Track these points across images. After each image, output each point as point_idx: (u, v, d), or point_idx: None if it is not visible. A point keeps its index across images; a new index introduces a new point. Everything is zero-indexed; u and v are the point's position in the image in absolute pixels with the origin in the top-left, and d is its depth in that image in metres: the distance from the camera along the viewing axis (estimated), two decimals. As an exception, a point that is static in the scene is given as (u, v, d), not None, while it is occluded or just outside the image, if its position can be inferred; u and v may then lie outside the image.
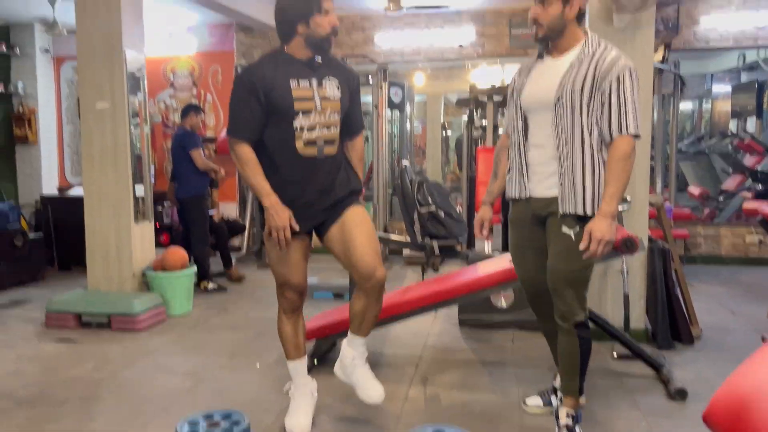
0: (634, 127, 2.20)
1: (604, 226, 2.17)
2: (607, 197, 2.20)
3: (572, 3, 2.25)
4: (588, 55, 2.26)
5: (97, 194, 4.44)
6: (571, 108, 2.24)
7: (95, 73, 4.37)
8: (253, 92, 2.29)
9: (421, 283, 3.73)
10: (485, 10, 6.67)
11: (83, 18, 4.36)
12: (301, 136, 2.34)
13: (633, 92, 2.20)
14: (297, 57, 2.36)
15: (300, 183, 2.37)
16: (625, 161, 2.19)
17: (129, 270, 4.44)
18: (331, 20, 2.32)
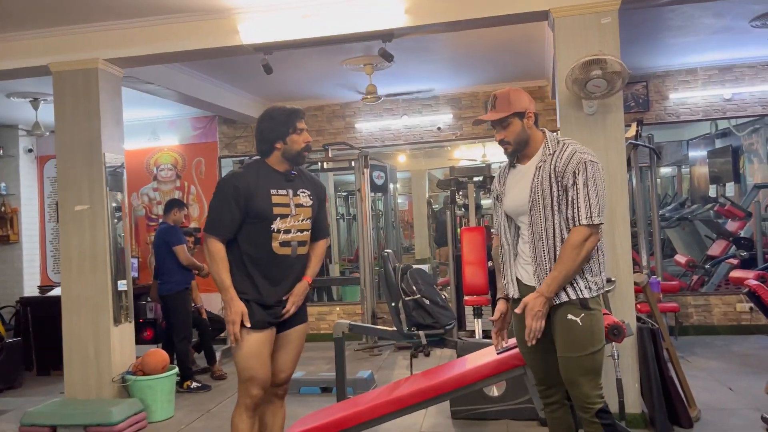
0: (586, 217, 2.28)
1: (537, 302, 2.30)
2: (548, 278, 2.30)
3: (527, 114, 2.41)
4: (548, 155, 2.40)
5: (75, 297, 4.36)
6: (544, 207, 2.36)
7: (75, 176, 4.38)
8: (234, 197, 2.59)
9: (410, 378, 3.61)
10: (461, 94, 6.86)
11: (62, 122, 4.41)
12: (278, 237, 2.64)
13: (587, 183, 2.29)
14: (276, 168, 2.70)
15: (275, 279, 2.66)
16: (573, 249, 2.27)
17: (108, 375, 4.29)
18: (305, 138, 2.69)
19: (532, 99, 2.48)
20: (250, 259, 2.64)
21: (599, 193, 2.31)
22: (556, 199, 2.34)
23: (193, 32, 4.22)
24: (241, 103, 6.74)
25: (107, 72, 4.43)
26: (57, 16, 4.13)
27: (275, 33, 4.15)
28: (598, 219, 2.29)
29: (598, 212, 2.29)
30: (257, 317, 2.61)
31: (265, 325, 2.64)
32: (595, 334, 2.33)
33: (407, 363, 5.58)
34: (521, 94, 2.45)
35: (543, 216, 2.37)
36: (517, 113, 2.40)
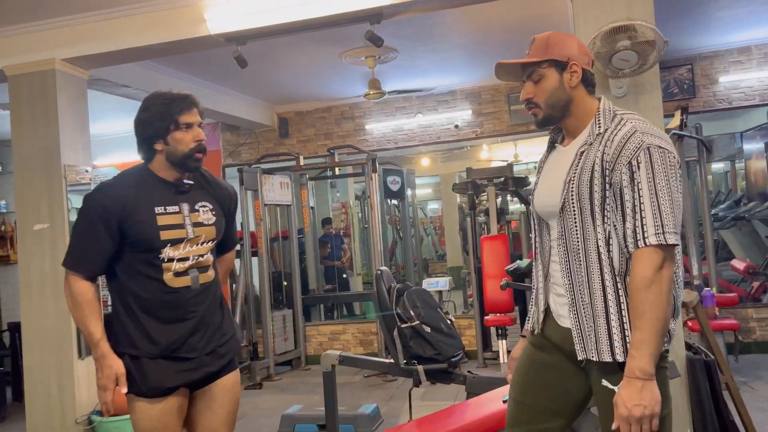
0: (656, 234, 1.48)
1: (633, 393, 1.46)
2: (633, 348, 1.50)
3: (571, 66, 1.65)
4: (597, 136, 1.62)
5: (36, 327, 3.90)
6: (581, 213, 1.60)
7: (33, 191, 3.93)
8: (103, 219, 1.94)
9: (410, 426, 2.97)
10: (480, 87, 6.20)
11: (19, 131, 3.97)
12: (170, 267, 1.98)
13: (656, 181, 1.50)
14: (162, 177, 2.03)
15: (174, 318, 1.98)
16: (648, 289, 1.47)
17: (71, 416, 3.80)
18: (195, 135, 1.99)
19: (586, 51, 1.70)
20: (136, 299, 1.97)
21: (674, 197, 1.51)
22: (599, 204, 1.57)
23: (156, 24, 3.71)
24: (244, 108, 6.26)
25: (67, 74, 3.97)
26: (9, 13, 3.69)
27: (245, 20, 3.61)
28: (674, 238, 1.49)
29: (674, 227, 1.50)
30: (152, 381, 1.94)
31: (163, 392, 1.95)
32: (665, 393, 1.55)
33: (423, 392, 4.94)
34: (569, 39, 1.70)
35: (580, 226, 1.61)
36: (555, 61, 1.65)
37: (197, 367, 2.00)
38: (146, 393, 1.96)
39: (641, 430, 1.45)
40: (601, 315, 1.57)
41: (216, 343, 2.06)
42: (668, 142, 1.55)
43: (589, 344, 1.58)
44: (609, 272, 1.57)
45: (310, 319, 6.84)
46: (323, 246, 7.51)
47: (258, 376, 5.69)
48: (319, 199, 7.99)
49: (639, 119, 1.60)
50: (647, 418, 1.45)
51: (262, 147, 6.76)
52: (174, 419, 1.99)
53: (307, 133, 6.66)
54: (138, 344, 1.96)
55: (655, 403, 1.46)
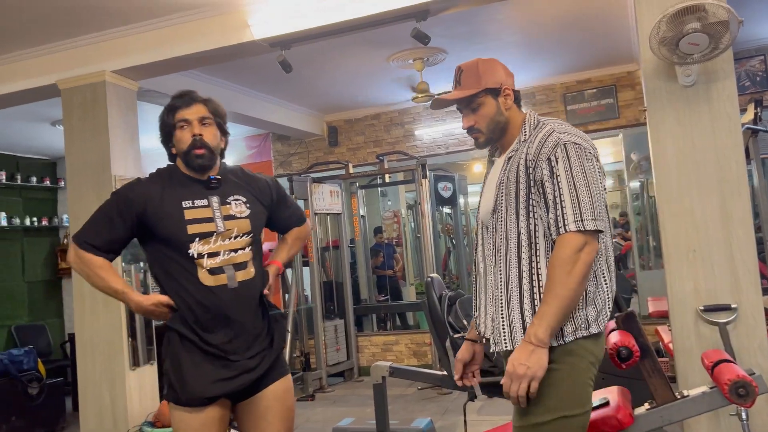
0: (575, 220, 1.58)
1: (522, 354, 1.56)
2: (535, 317, 1.59)
3: (504, 91, 1.78)
4: (523, 142, 1.73)
5: (89, 338, 3.91)
6: (506, 211, 1.70)
7: (84, 203, 3.95)
8: (120, 212, 1.96)
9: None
10: (534, 87, 5.96)
11: (71, 144, 4.03)
12: (203, 263, 1.92)
13: (573, 173, 1.61)
14: (190, 176, 2.01)
15: (211, 325, 1.92)
16: (562, 266, 1.56)
17: (123, 426, 3.79)
18: (192, 130, 1.95)
19: (510, 72, 1.83)
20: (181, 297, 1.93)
21: (592, 187, 1.61)
22: (524, 200, 1.67)
23: (201, 32, 3.69)
24: (294, 118, 6.24)
25: (117, 85, 4.00)
26: (61, 28, 3.76)
27: (289, 23, 3.54)
28: (593, 223, 1.59)
29: (591, 213, 1.59)
30: (192, 390, 1.88)
31: (203, 402, 1.87)
32: (573, 391, 1.61)
33: (480, 405, 4.73)
34: (495, 64, 1.81)
35: (504, 223, 1.70)
36: (490, 90, 1.76)
37: (239, 374, 1.92)
38: (186, 402, 1.89)
39: (519, 388, 1.55)
40: (516, 308, 1.64)
41: (260, 346, 1.97)
42: (584, 140, 1.66)
43: (501, 336, 1.66)
44: (527, 267, 1.65)
45: (362, 329, 6.71)
46: (375, 255, 7.39)
47: (310, 388, 5.60)
48: (370, 209, 7.88)
49: (558, 122, 1.72)
50: (527, 378, 1.54)
51: (312, 156, 6.72)
52: (214, 429, 1.91)
53: (357, 140, 6.57)
54: (183, 346, 1.92)
55: (538, 368, 1.54)
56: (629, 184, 6.38)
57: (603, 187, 1.66)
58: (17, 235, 6.69)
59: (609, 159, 6.84)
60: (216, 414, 1.91)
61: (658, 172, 2.90)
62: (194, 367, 1.90)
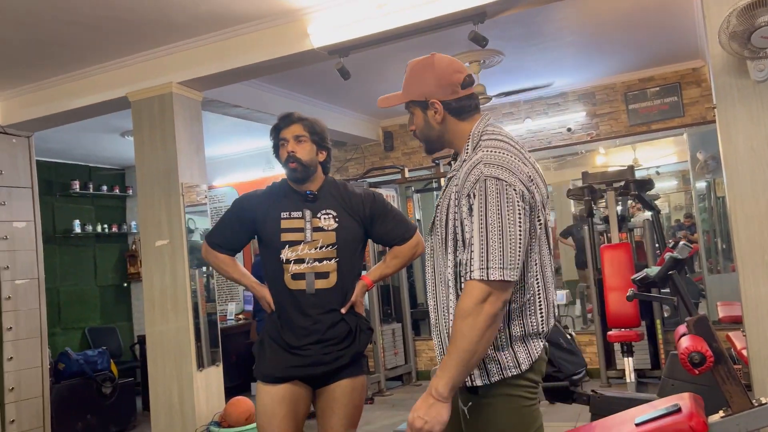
0: (480, 268, 1.45)
1: (422, 406, 1.49)
2: (439, 369, 1.50)
3: (432, 104, 1.64)
4: (463, 162, 1.60)
5: (158, 340, 4.06)
6: (443, 241, 1.61)
7: (154, 210, 4.13)
8: (239, 217, 2.38)
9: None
10: (594, 87, 5.84)
11: (141, 154, 4.20)
12: (288, 268, 2.25)
13: (486, 215, 1.46)
14: (294, 188, 2.34)
15: (292, 322, 2.25)
16: (464, 320, 1.45)
17: (192, 426, 3.91)
18: (288, 148, 2.27)
19: (449, 76, 1.62)
20: (273, 295, 2.32)
21: (506, 232, 1.46)
22: (452, 232, 1.57)
23: (262, 42, 3.79)
24: (349, 124, 6.32)
25: (183, 96, 4.15)
26: (130, 43, 3.93)
27: (347, 31, 3.59)
28: (499, 273, 1.44)
29: (500, 262, 1.45)
30: (267, 367, 2.26)
31: (274, 379, 2.23)
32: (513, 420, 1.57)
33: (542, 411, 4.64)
34: (426, 71, 1.65)
35: (442, 253, 1.62)
36: (415, 101, 1.67)
37: (310, 365, 2.22)
38: (261, 377, 2.26)
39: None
40: None
41: (336, 349, 2.23)
42: (511, 173, 1.49)
43: None
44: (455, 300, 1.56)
45: (419, 333, 6.71)
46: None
47: (369, 391, 5.63)
48: (425, 213, 7.88)
49: (492, 148, 1.55)
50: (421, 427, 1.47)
51: (367, 161, 6.78)
52: (282, 408, 2.21)
53: (412, 145, 6.59)
54: (271, 334, 2.29)
55: (435, 423, 1.47)
56: (695, 184, 6.15)
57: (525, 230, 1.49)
58: (90, 241, 7.03)
59: (673, 159, 6.62)
60: (287, 392, 2.22)
61: (729, 172, 2.79)
62: (273, 352, 2.26)
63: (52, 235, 6.47)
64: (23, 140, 4.81)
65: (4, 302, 4.52)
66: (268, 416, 2.22)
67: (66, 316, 6.66)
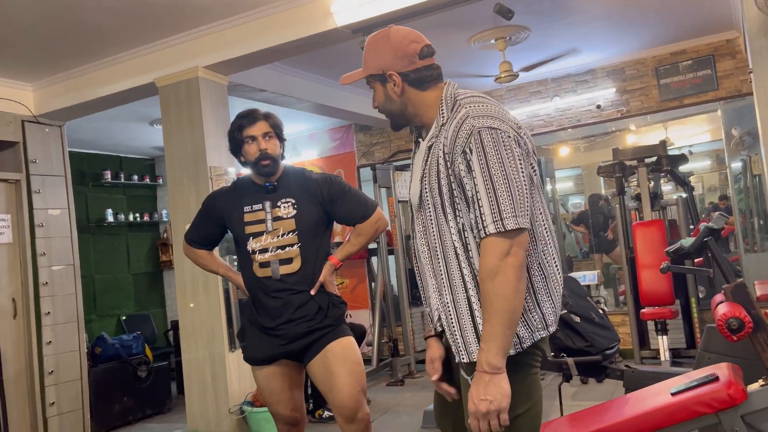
0: (494, 221, 1.40)
1: (480, 388, 1.40)
2: (482, 341, 1.42)
3: (390, 77, 1.60)
4: (442, 127, 1.55)
5: (190, 322, 4.12)
6: (434, 209, 1.55)
7: (183, 194, 4.17)
8: (208, 212, 2.57)
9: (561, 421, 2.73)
10: (624, 63, 5.71)
11: (169, 139, 4.25)
12: (255, 258, 2.40)
13: (489, 165, 1.42)
14: (256, 182, 2.46)
15: (264, 306, 2.40)
16: (493, 280, 1.40)
17: (225, 406, 3.97)
18: (259, 145, 2.37)
19: (405, 48, 1.58)
20: (246, 282, 2.50)
21: (511, 179, 1.41)
22: (448, 197, 1.51)
23: (286, 23, 3.79)
24: (373, 107, 6.28)
25: (209, 80, 4.18)
26: (156, 29, 3.97)
27: (370, 8, 3.56)
28: (513, 221, 1.40)
29: (512, 210, 1.40)
30: (251, 351, 2.45)
31: (260, 362, 2.42)
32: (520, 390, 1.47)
33: (575, 391, 4.61)
34: (381, 44, 1.62)
35: (435, 223, 1.55)
36: (373, 75, 1.63)
37: (287, 342, 2.36)
38: (249, 361, 2.46)
39: (490, 426, 1.40)
40: (466, 314, 1.51)
41: (307, 324, 2.36)
42: (501, 121, 1.46)
43: (458, 345, 1.52)
44: (467, 268, 1.50)
45: (449, 317, 6.69)
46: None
47: (399, 373, 5.65)
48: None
49: (475, 102, 1.52)
50: (493, 413, 1.39)
51: (393, 145, 6.76)
52: (277, 383, 2.42)
53: (439, 127, 6.54)
54: (249, 318, 2.47)
55: (501, 398, 1.39)
56: (730, 164, 5.99)
57: (527, 175, 1.45)
58: (122, 230, 7.16)
59: (706, 137, 6.44)
60: (276, 370, 2.41)
61: (766, 139, 2.71)
62: (253, 336, 2.44)
63: (86, 225, 6.60)
64: (55, 129, 4.91)
65: (41, 288, 4.64)
66: (267, 393, 2.45)
67: (101, 303, 6.80)
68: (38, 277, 4.63)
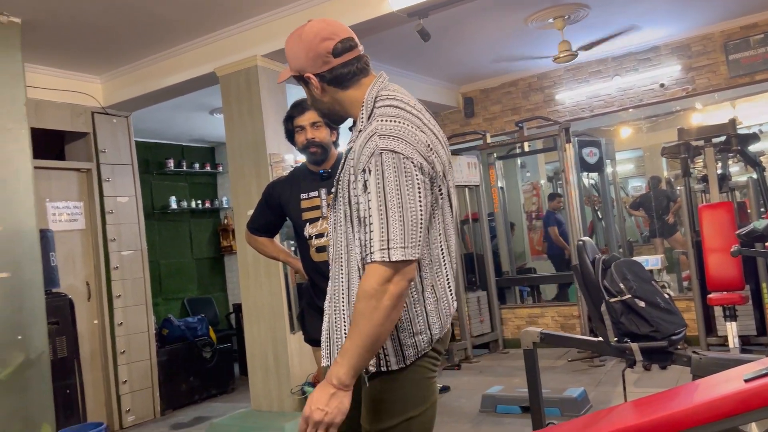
0: (381, 249, 1.35)
1: (322, 397, 1.38)
2: (339, 354, 1.40)
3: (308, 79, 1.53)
4: (359, 132, 1.50)
5: (254, 305, 4.24)
6: (344, 216, 1.51)
7: (244, 181, 4.28)
8: (267, 201, 2.68)
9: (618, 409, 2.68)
10: (689, 39, 5.48)
11: (231, 128, 4.36)
12: (312, 244, 2.48)
13: (384, 191, 1.36)
14: (312, 170, 2.56)
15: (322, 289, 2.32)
16: (367, 301, 1.35)
17: (287, 386, 4.08)
18: (306, 135, 2.47)
19: (317, 50, 1.48)
20: (304, 267, 2.60)
21: (406, 208, 1.36)
22: (355, 209, 1.46)
23: (340, 9, 3.81)
24: (428, 91, 6.26)
25: (267, 69, 4.25)
26: (216, 19, 4.06)
27: (426, -10, 3.54)
28: (401, 253, 1.34)
29: (402, 241, 1.35)
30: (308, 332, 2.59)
31: (317, 343, 2.40)
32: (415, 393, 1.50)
33: (637, 378, 4.51)
34: (296, 45, 1.53)
35: (343, 229, 1.51)
36: (295, 77, 1.57)
37: None
38: (309, 342, 2.62)
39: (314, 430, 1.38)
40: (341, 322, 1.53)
41: None
42: (408, 144, 1.39)
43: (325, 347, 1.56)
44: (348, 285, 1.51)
45: (505, 302, 6.64)
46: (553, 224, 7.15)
47: (456, 357, 5.66)
48: (508, 181, 7.73)
49: (387, 117, 1.44)
50: (324, 424, 1.37)
51: (447, 129, 6.71)
52: None
53: (493, 110, 6.46)
54: (308, 301, 2.61)
55: (337, 413, 1.37)
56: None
57: (425, 204, 1.40)
58: (185, 217, 7.40)
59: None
60: None
61: None
62: (311, 318, 2.53)
63: (151, 212, 6.85)
64: (122, 120, 5.11)
65: (112, 272, 4.86)
66: None
67: (166, 287, 7.07)
68: (109, 262, 4.85)
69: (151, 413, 4.98)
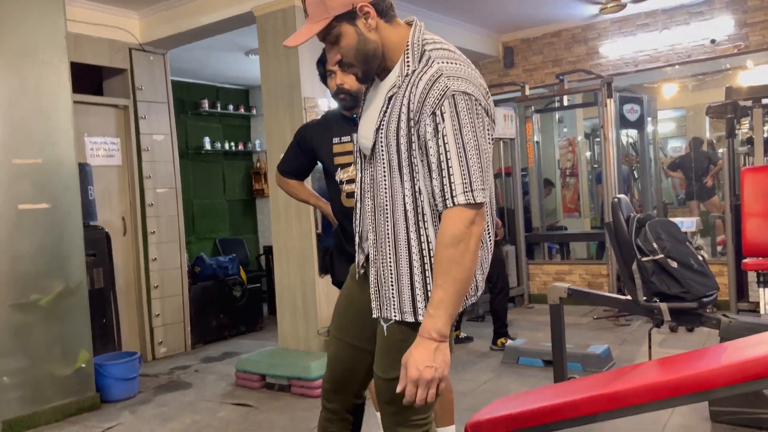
0: (464, 191, 1.34)
1: (427, 355, 1.36)
2: (432, 307, 1.37)
3: (360, 10, 1.41)
4: (406, 77, 1.42)
5: (283, 246, 4.31)
6: (389, 165, 1.45)
7: (278, 123, 4.28)
8: (299, 144, 2.62)
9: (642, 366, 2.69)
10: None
11: (266, 69, 4.33)
12: (343, 189, 2.44)
13: (461, 134, 1.34)
14: (344, 114, 2.48)
15: (351, 234, 2.29)
16: (456, 247, 1.34)
17: (314, 327, 4.17)
18: (336, 81, 2.37)
19: None
20: (334, 212, 2.56)
21: (482, 150, 1.37)
22: (407, 156, 1.41)
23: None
24: (468, 39, 6.10)
25: (304, 10, 4.17)
26: (254, -44, 3.98)
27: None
28: (482, 194, 1.36)
29: (481, 183, 1.36)
30: (336, 275, 2.56)
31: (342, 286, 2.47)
32: None
33: (662, 338, 4.50)
34: None
35: (388, 179, 1.46)
36: (341, 16, 1.40)
37: None
38: (337, 285, 2.54)
39: (428, 394, 1.36)
40: (406, 277, 1.46)
41: None
42: (476, 87, 1.37)
43: (390, 303, 1.48)
44: (415, 232, 1.44)
45: (533, 257, 6.62)
46: (548, 186, 7.13)
47: (480, 309, 5.70)
48: (544, 136, 7.58)
49: (447, 59, 1.40)
50: (436, 381, 1.36)
51: (486, 79, 6.52)
52: None
53: (534, 61, 6.29)
54: (337, 245, 2.53)
55: (445, 366, 1.37)
56: None
57: (491, 147, 1.42)
58: (218, 158, 7.47)
59: None
60: None
61: None
62: (339, 262, 2.50)
63: (185, 152, 6.93)
64: (159, 57, 5.12)
65: (147, 208, 4.97)
66: None
67: (199, 226, 7.21)
68: (144, 199, 4.95)
69: (182, 346, 5.17)
